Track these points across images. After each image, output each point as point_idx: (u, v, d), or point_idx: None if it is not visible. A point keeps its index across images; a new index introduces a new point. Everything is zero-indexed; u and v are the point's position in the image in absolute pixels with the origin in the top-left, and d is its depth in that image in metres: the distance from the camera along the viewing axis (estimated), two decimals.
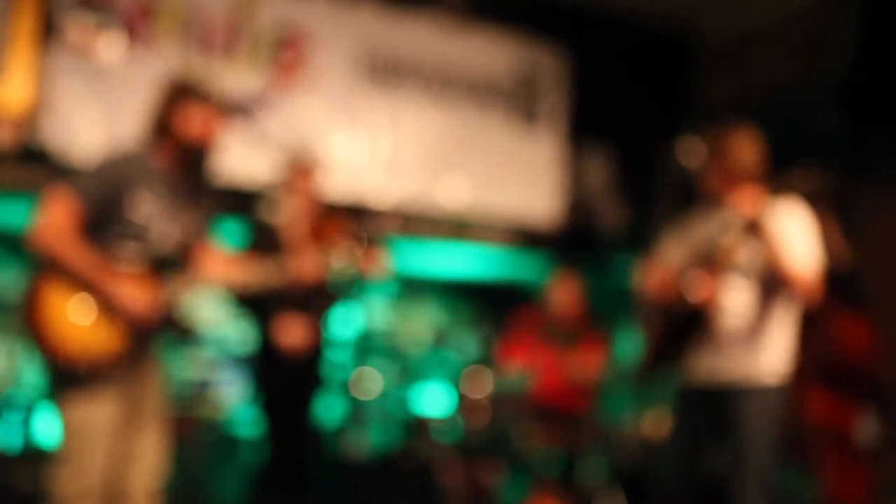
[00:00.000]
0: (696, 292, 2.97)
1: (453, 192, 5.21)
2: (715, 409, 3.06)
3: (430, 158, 5.15)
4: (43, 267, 2.67)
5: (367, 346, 4.52)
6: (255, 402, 3.81)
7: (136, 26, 4.39)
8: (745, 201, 3.11)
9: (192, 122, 2.83)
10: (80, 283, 2.63)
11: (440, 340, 6.27)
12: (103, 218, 2.71)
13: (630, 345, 4.82)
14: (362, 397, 4.35)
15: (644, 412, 4.49)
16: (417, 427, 4.25)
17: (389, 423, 4.61)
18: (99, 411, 2.65)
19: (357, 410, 4.38)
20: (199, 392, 5.19)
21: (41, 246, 2.64)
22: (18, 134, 4.11)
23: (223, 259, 3.05)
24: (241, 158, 4.30)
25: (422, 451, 4.00)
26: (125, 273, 2.71)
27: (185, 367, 5.15)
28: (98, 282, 2.63)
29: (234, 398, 4.95)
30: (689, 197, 3.29)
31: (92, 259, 2.65)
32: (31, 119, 4.13)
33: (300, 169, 3.76)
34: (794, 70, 5.26)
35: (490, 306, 6.48)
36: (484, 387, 4.18)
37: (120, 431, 2.72)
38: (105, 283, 2.64)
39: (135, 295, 2.67)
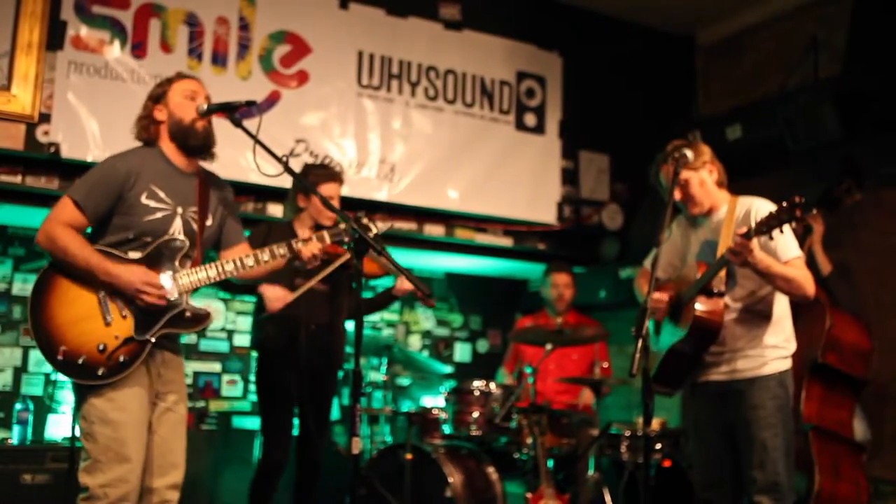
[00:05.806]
0: (697, 316, 3.03)
1: (451, 194, 5.25)
2: (726, 403, 3.12)
3: (427, 160, 5.18)
4: (52, 264, 2.69)
5: (367, 341, 4.56)
6: (265, 396, 3.84)
7: (141, 31, 4.44)
8: (721, 208, 3.18)
9: (186, 107, 2.84)
10: (85, 267, 2.65)
11: (441, 338, 6.33)
12: (114, 219, 2.74)
13: (629, 345, 4.87)
14: (364, 391, 4.39)
15: (643, 410, 4.53)
16: (418, 422, 4.29)
17: (390, 418, 4.66)
18: (126, 403, 2.66)
19: (357, 404, 4.43)
20: (206, 383, 5.26)
21: (44, 237, 2.68)
22: (26, 137, 4.16)
23: (238, 249, 3.03)
24: (237, 158, 4.35)
25: (423, 446, 4.04)
26: (134, 260, 2.73)
27: (193, 358, 5.23)
28: (102, 264, 2.65)
29: (240, 390, 5.02)
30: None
31: (93, 249, 2.68)
32: (38, 123, 4.19)
33: (320, 176, 3.82)
34: (789, 71, 5.31)
35: (487, 305, 6.54)
36: (484, 383, 4.22)
37: (145, 422, 2.73)
38: (109, 266, 2.66)
39: (143, 274, 2.69)
